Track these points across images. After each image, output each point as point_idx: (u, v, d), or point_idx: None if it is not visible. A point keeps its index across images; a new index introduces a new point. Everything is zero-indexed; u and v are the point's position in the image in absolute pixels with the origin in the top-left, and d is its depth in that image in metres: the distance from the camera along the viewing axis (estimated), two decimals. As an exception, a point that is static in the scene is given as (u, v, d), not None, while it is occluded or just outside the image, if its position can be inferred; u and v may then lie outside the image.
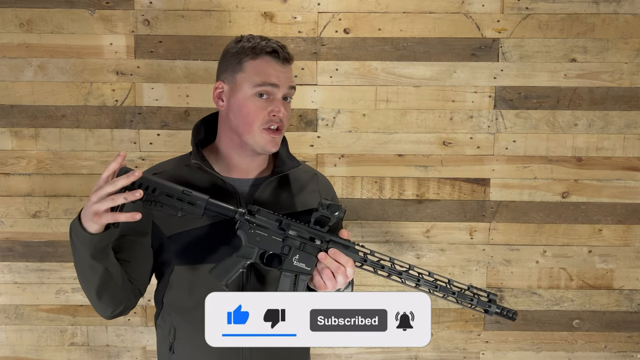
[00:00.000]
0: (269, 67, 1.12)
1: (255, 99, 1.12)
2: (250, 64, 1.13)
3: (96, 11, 1.76)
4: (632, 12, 1.76)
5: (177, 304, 1.18)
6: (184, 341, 1.17)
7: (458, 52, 1.78)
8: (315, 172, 1.31)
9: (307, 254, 1.08)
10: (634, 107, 1.80)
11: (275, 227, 1.09)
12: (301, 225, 1.09)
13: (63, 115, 1.80)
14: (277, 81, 1.12)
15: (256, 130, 1.13)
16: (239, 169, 1.20)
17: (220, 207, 1.07)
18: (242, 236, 1.08)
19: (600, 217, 1.85)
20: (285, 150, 1.26)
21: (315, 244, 1.08)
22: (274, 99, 1.13)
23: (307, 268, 1.08)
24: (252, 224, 1.08)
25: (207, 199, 1.06)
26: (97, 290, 1.09)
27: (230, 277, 1.07)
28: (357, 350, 1.92)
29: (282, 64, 1.14)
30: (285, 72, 1.15)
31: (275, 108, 1.13)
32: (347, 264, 1.05)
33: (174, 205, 1.04)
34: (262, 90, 1.12)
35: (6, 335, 1.90)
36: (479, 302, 1.10)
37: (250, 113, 1.12)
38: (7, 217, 1.84)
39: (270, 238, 1.09)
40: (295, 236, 1.08)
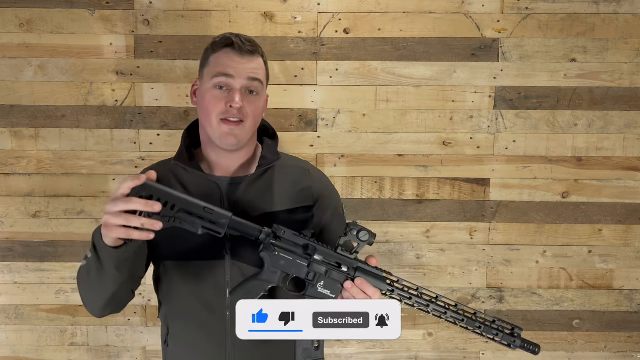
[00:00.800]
0: (226, 58, 1.12)
1: (214, 90, 1.12)
2: (212, 58, 1.14)
3: (96, 11, 1.76)
4: (632, 12, 1.76)
5: (168, 299, 1.19)
6: (176, 335, 1.19)
7: (458, 52, 1.78)
8: (308, 168, 1.26)
9: (333, 280, 1.04)
10: (634, 107, 1.80)
11: (300, 250, 1.05)
12: (328, 249, 1.05)
13: (63, 115, 1.80)
14: (232, 72, 1.11)
15: (214, 122, 1.11)
16: (219, 166, 1.19)
17: (243, 226, 1.03)
18: (266, 259, 1.05)
19: (600, 217, 1.85)
20: (270, 147, 1.23)
21: (341, 270, 1.05)
22: (231, 90, 1.12)
23: (332, 295, 1.04)
24: (277, 246, 1.04)
25: (231, 217, 1.02)
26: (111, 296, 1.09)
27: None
28: (357, 350, 1.92)
29: (241, 55, 1.12)
30: (244, 63, 1.12)
31: (230, 98, 1.10)
32: (375, 295, 1.03)
33: (194, 223, 0.99)
34: (218, 82, 1.11)
35: (6, 335, 1.90)
36: (504, 336, 1.09)
37: (209, 104, 1.12)
38: (7, 217, 1.84)
39: (295, 262, 1.05)
40: (321, 261, 1.05)
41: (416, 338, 1.91)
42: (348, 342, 1.91)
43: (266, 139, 1.26)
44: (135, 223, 0.93)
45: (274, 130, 1.29)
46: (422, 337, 1.91)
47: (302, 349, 1.06)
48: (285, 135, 1.78)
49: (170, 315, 1.19)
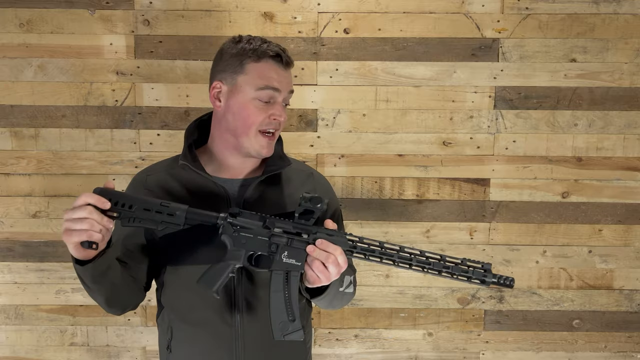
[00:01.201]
0: (272, 70, 1.12)
1: (256, 102, 1.12)
2: (253, 67, 1.12)
3: (96, 11, 1.76)
4: (632, 12, 1.76)
5: (173, 304, 1.18)
6: (181, 341, 1.18)
7: (458, 52, 1.78)
8: (311, 171, 1.29)
9: (296, 249, 1.06)
10: (634, 107, 1.80)
11: (259, 226, 1.07)
12: (286, 221, 1.07)
13: (63, 115, 1.80)
14: (279, 85, 1.12)
15: (252, 133, 1.12)
16: (231, 169, 1.19)
17: (201, 215, 1.05)
18: (227, 241, 1.06)
19: (600, 217, 1.85)
20: (278, 150, 1.24)
21: (302, 238, 1.06)
22: (274, 103, 1.13)
23: (297, 263, 1.05)
24: (236, 226, 1.06)
25: (187, 208, 1.04)
26: (106, 302, 1.12)
27: (219, 283, 1.05)
28: (357, 350, 1.92)
29: (285, 68, 1.14)
30: (287, 77, 1.15)
31: (277, 112, 1.12)
32: (336, 251, 1.03)
33: (154, 219, 1.03)
34: (265, 95, 1.11)
35: (6, 335, 1.90)
36: (475, 273, 1.06)
37: (250, 115, 1.11)
38: (7, 217, 1.84)
39: (256, 239, 1.06)
40: (281, 233, 1.06)
41: (416, 338, 1.91)
42: (348, 342, 1.91)
43: None
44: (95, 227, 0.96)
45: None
46: (422, 337, 1.91)
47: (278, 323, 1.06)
48: (285, 135, 1.77)
49: (175, 320, 1.18)
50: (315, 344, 1.91)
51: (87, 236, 0.96)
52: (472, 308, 1.89)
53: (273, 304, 1.06)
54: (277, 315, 1.06)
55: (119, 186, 1.80)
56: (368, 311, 1.90)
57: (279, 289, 1.06)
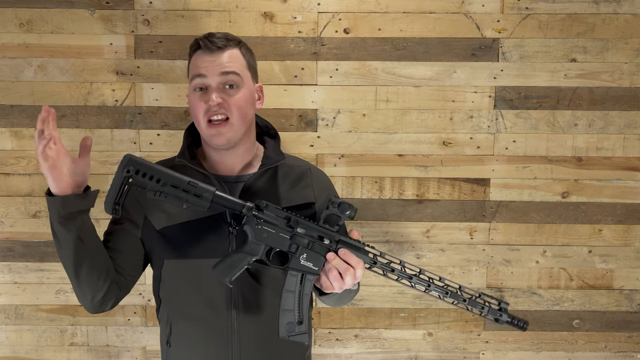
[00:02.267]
0: (198, 60, 1.14)
1: (194, 93, 1.14)
2: (190, 63, 1.17)
3: (96, 11, 1.76)
4: (632, 12, 1.76)
5: (171, 298, 1.19)
6: (179, 335, 1.18)
7: (458, 52, 1.78)
8: (309, 167, 1.28)
9: (315, 253, 1.05)
10: (634, 107, 1.80)
11: (283, 223, 1.06)
12: (310, 223, 1.07)
13: (63, 115, 1.80)
14: (203, 71, 1.12)
15: (202, 123, 1.13)
16: (222, 165, 1.20)
17: (227, 201, 1.05)
18: (249, 232, 1.06)
19: (600, 217, 1.85)
20: (273, 147, 1.24)
21: (324, 243, 1.06)
22: (208, 89, 1.13)
23: (314, 268, 1.05)
24: (260, 219, 1.06)
25: (214, 191, 1.04)
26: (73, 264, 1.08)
27: (234, 274, 1.05)
28: (357, 350, 1.92)
29: (210, 52, 1.13)
30: (214, 60, 1.13)
31: (208, 97, 1.12)
32: (358, 265, 1.03)
33: (180, 197, 1.03)
34: (195, 84, 1.13)
35: (6, 335, 1.90)
36: (490, 310, 1.07)
37: (193, 107, 1.14)
38: (7, 217, 1.84)
39: (277, 235, 1.06)
40: (303, 234, 1.06)
41: (416, 338, 1.91)
42: (348, 342, 1.91)
43: (267, 139, 1.27)
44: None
45: (275, 130, 1.30)
46: (422, 337, 1.91)
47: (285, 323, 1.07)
48: (285, 135, 1.78)
49: (173, 315, 1.18)
50: (315, 344, 1.91)
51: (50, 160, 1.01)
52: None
53: (283, 303, 1.06)
54: (286, 315, 1.06)
55: (119, 186, 1.81)
56: (368, 311, 1.90)
57: (291, 290, 1.06)
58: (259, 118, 1.29)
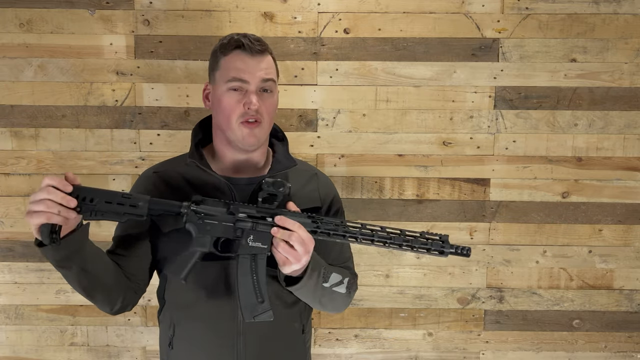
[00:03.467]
0: (238, 61, 1.13)
1: (230, 93, 1.13)
2: (224, 61, 1.15)
3: (96, 11, 1.76)
4: (632, 12, 1.76)
5: (177, 300, 1.19)
6: (183, 337, 1.18)
7: (458, 52, 1.78)
8: (315, 171, 1.31)
9: (261, 232, 1.07)
10: (634, 107, 1.80)
11: (224, 212, 1.08)
12: (249, 205, 1.09)
13: (63, 115, 1.80)
14: (245, 75, 1.13)
15: (234, 124, 1.13)
16: (234, 167, 1.20)
17: (163, 204, 1.07)
18: (192, 229, 1.08)
19: (600, 217, 1.85)
20: (283, 150, 1.26)
21: (267, 221, 1.08)
22: (247, 92, 1.13)
23: (263, 246, 1.07)
24: (200, 214, 1.07)
25: (148, 198, 1.05)
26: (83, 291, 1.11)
27: (187, 271, 1.07)
28: (357, 350, 1.92)
29: (252, 55, 1.13)
30: (256, 64, 1.14)
31: (247, 100, 1.12)
32: (294, 226, 1.05)
33: (116, 211, 1.03)
34: (233, 86, 1.13)
35: (6, 335, 1.90)
36: (433, 244, 1.11)
37: (226, 107, 1.14)
38: (7, 217, 1.84)
39: (220, 225, 1.08)
40: (245, 218, 1.08)
41: (416, 338, 1.91)
42: (348, 342, 1.91)
43: (276, 142, 1.29)
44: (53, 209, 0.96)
45: (283, 133, 1.31)
46: (422, 337, 1.91)
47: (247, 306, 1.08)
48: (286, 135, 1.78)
49: (178, 317, 1.18)
50: (315, 344, 1.91)
51: (45, 218, 0.96)
52: (472, 308, 1.89)
53: (241, 287, 1.08)
54: (247, 298, 1.08)
55: (119, 186, 1.81)
56: (368, 311, 1.90)
57: (246, 273, 1.07)
58: None
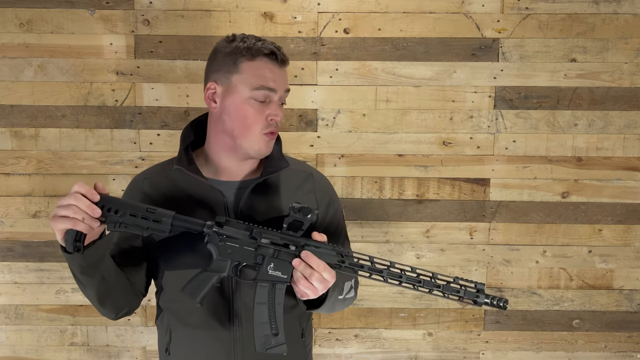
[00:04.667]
0: (266, 69, 1.09)
1: (253, 102, 1.09)
2: (247, 65, 1.09)
3: (96, 11, 1.76)
4: (632, 12, 1.76)
5: (172, 308, 1.17)
6: (179, 344, 1.17)
7: (458, 52, 1.78)
8: (311, 171, 1.25)
9: (282, 261, 1.03)
10: (634, 107, 1.80)
11: (246, 236, 1.03)
12: (273, 232, 1.04)
13: (63, 115, 1.80)
14: (274, 85, 1.10)
15: (256, 135, 1.10)
16: (228, 171, 1.17)
17: (187, 222, 1.03)
18: (213, 250, 1.04)
19: (600, 217, 1.85)
20: (277, 151, 1.21)
21: (289, 249, 1.03)
22: (270, 102, 1.10)
23: (283, 276, 1.03)
24: (222, 236, 1.03)
25: (173, 214, 1.02)
26: (98, 299, 1.10)
27: (203, 293, 1.03)
28: (357, 350, 1.92)
29: (280, 66, 1.11)
30: (283, 75, 1.12)
31: (273, 112, 1.10)
32: (319, 267, 1.00)
33: (139, 225, 1.01)
34: (261, 95, 1.09)
35: (6, 335, 1.90)
36: (467, 293, 1.03)
37: (248, 117, 1.09)
38: (7, 217, 1.84)
39: (242, 249, 1.03)
40: (268, 244, 1.03)
41: (416, 338, 1.91)
42: (348, 342, 1.91)
43: None
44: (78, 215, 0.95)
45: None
46: (422, 337, 1.91)
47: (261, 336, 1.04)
48: (285, 135, 1.77)
49: (174, 324, 1.17)
50: (315, 344, 1.91)
51: (71, 224, 0.94)
52: (472, 308, 1.89)
53: (257, 316, 1.04)
54: (261, 329, 1.04)
55: (119, 186, 1.81)
56: (368, 311, 1.90)
57: (263, 301, 1.04)
58: None
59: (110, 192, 1.84)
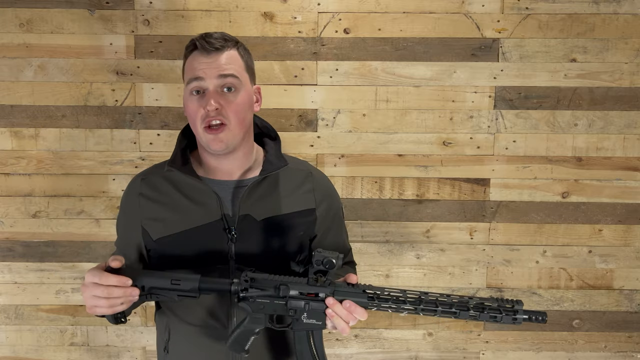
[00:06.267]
0: (194, 61, 1.08)
1: (191, 97, 1.09)
2: (185, 64, 1.11)
3: (96, 11, 1.76)
4: (632, 12, 1.76)
5: (171, 306, 1.18)
6: (178, 342, 1.17)
7: (458, 52, 1.78)
8: (310, 170, 1.24)
9: (314, 310, 1.04)
10: (634, 107, 1.80)
11: (274, 292, 1.04)
12: (300, 282, 1.05)
13: (63, 115, 1.80)
14: (200, 73, 1.07)
15: (199, 129, 1.09)
16: (220, 170, 1.16)
17: (214, 283, 1.04)
18: (246, 308, 1.05)
19: (600, 217, 1.85)
20: (275, 150, 1.20)
21: (319, 298, 1.04)
22: (205, 93, 1.08)
23: (318, 322, 1.04)
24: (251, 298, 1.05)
25: (198, 279, 1.03)
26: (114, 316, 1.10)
27: (246, 346, 1.07)
28: (357, 350, 1.92)
29: (207, 54, 1.08)
30: (211, 62, 1.07)
31: (205, 102, 1.07)
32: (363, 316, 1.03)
33: (169, 294, 1.03)
34: (192, 87, 1.08)
35: (6, 335, 1.90)
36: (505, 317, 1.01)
37: (190, 112, 1.10)
38: (7, 217, 1.84)
39: (273, 303, 1.05)
40: (297, 296, 1.04)
41: (416, 338, 1.91)
42: (348, 342, 1.91)
43: (268, 141, 1.23)
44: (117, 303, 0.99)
45: (275, 132, 1.25)
46: (422, 337, 1.91)
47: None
48: (285, 135, 1.78)
49: (172, 322, 1.17)
50: (315, 344, 1.91)
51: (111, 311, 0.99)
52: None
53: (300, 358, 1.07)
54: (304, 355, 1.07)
55: (119, 186, 1.81)
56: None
57: (304, 347, 1.06)
58: (258, 119, 1.24)
59: (110, 192, 1.85)
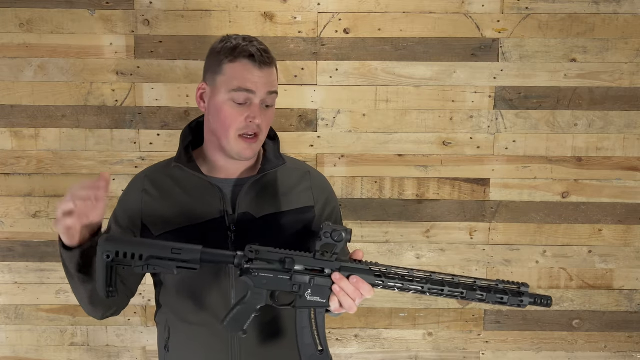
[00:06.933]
0: (246, 71, 1.08)
1: (232, 104, 1.09)
2: (229, 67, 1.09)
3: (96, 11, 1.76)
4: (632, 12, 1.76)
5: (171, 304, 1.18)
6: (178, 340, 1.18)
7: (458, 52, 1.78)
8: (308, 169, 1.26)
9: (319, 286, 1.03)
10: (634, 107, 1.80)
11: (279, 265, 1.03)
12: (306, 257, 1.04)
13: (63, 115, 1.80)
14: (253, 87, 1.08)
15: (232, 136, 1.09)
16: (225, 169, 1.17)
17: (217, 255, 1.02)
18: (248, 282, 1.03)
19: (600, 217, 1.85)
20: (274, 149, 1.22)
21: (325, 274, 1.03)
22: (251, 105, 1.09)
23: (322, 300, 1.03)
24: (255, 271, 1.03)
25: (200, 250, 1.01)
26: (89, 299, 1.10)
27: (244, 325, 1.04)
28: (357, 350, 1.92)
29: (260, 68, 1.09)
30: (264, 77, 1.09)
31: (252, 114, 1.09)
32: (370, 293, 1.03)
33: (168, 265, 1.00)
34: (238, 97, 1.08)
35: (6, 335, 1.90)
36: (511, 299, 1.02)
37: (227, 118, 1.09)
38: (7, 217, 1.84)
39: (276, 278, 1.03)
40: (302, 271, 1.03)
41: (416, 338, 1.91)
42: (348, 342, 1.91)
43: (267, 141, 1.24)
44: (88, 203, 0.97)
45: (274, 132, 1.26)
46: (422, 337, 1.91)
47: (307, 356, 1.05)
48: (285, 135, 1.78)
49: (173, 320, 1.18)
50: (315, 344, 1.91)
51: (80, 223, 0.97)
52: (472, 308, 1.89)
53: (301, 339, 1.05)
54: (306, 349, 1.05)
55: (119, 186, 1.81)
56: (368, 311, 1.90)
57: (305, 325, 1.05)
58: None
59: (111, 193, 1.85)
